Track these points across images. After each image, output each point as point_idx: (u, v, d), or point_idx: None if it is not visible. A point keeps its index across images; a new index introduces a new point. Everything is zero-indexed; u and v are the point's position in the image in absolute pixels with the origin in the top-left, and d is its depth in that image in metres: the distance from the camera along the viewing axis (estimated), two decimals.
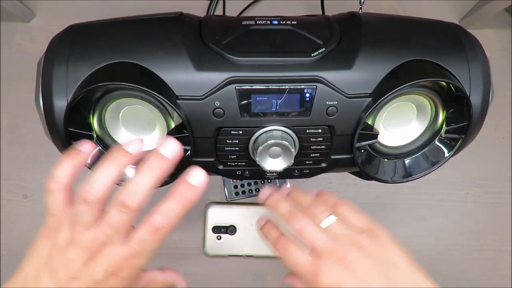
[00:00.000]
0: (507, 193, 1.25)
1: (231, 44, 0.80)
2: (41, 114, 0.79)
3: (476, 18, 1.24)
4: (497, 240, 1.24)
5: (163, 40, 0.80)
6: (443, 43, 0.83)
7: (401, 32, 0.84)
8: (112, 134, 0.85)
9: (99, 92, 0.79)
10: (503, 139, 1.26)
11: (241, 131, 0.81)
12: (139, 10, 1.26)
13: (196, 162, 0.84)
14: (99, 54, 0.78)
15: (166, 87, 0.77)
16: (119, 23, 0.85)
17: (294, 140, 0.82)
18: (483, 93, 0.82)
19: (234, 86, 0.77)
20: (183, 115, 0.77)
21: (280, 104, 0.79)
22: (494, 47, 1.31)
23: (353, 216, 0.78)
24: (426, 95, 0.84)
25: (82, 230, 0.64)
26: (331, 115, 0.79)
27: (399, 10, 1.32)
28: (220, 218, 1.18)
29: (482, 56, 0.83)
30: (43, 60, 0.80)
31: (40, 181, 1.19)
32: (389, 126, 0.88)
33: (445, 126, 0.86)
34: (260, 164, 0.82)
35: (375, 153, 0.88)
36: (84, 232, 0.64)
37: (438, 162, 0.87)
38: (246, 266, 1.21)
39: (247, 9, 1.29)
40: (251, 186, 1.19)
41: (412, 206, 1.24)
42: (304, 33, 0.83)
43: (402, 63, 0.79)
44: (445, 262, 1.23)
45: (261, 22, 0.85)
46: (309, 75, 0.78)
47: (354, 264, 0.69)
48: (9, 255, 1.16)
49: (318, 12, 1.24)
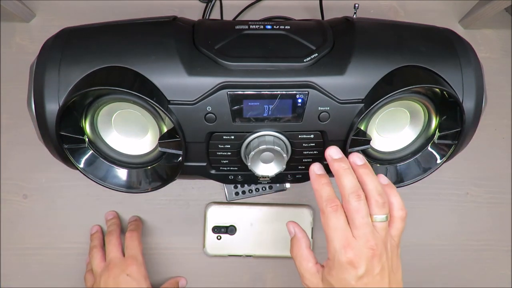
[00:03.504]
0: (507, 193, 1.24)
1: (224, 49, 0.80)
2: (33, 118, 0.79)
3: (476, 18, 1.23)
4: (497, 240, 1.24)
5: (155, 45, 0.80)
6: (436, 49, 0.83)
7: (394, 37, 0.84)
8: (105, 138, 0.85)
9: (91, 96, 0.79)
10: (503, 139, 1.25)
11: (233, 136, 0.81)
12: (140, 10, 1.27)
13: (188, 167, 0.84)
14: (92, 58, 0.78)
15: (158, 92, 0.77)
16: (112, 27, 0.85)
17: (286, 145, 0.82)
18: (476, 99, 0.82)
19: (226, 91, 0.77)
20: (174, 120, 0.77)
21: (272, 109, 0.79)
22: (494, 47, 1.29)
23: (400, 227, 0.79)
24: (419, 101, 0.84)
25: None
26: (323, 120, 0.79)
27: (399, 10, 1.31)
28: (220, 218, 1.18)
29: (475, 61, 0.83)
30: (35, 63, 0.80)
31: (40, 181, 1.19)
32: (382, 132, 0.87)
33: (438, 132, 0.86)
34: (252, 169, 0.82)
35: (367, 158, 0.88)
36: None
37: (430, 168, 0.87)
38: (246, 266, 1.20)
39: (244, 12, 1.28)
40: (251, 186, 1.19)
41: (412, 206, 1.23)
42: (297, 38, 0.83)
43: (395, 69, 0.79)
44: (445, 262, 1.22)
45: (255, 26, 0.85)
46: (301, 80, 0.78)
47: (377, 261, 0.73)
48: (9, 255, 1.17)
49: (317, 14, 1.23)
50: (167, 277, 1.18)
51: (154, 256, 1.19)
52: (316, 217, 1.19)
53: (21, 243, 1.17)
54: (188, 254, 1.20)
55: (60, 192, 1.18)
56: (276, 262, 1.20)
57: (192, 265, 1.19)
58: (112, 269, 1.02)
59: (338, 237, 0.73)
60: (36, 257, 1.17)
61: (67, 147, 0.80)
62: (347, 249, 0.72)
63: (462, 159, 1.11)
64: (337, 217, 0.74)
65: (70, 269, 1.16)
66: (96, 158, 0.85)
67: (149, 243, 1.18)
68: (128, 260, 1.04)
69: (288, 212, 1.19)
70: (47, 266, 1.17)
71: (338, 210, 0.74)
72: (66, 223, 1.17)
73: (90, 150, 0.84)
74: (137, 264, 1.03)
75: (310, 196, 1.20)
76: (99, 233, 1.14)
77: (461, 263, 1.23)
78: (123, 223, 1.18)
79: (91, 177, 0.84)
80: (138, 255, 1.05)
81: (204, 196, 1.21)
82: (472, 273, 1.23)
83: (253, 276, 1.21)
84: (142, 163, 0.87)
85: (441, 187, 1.24)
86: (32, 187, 1.19)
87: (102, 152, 0.85)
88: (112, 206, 1.18)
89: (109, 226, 1.13)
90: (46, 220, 1.18)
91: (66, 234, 1.17)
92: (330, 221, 0.74)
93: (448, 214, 1.24)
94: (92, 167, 0.84)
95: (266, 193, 1.19)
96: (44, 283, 1.16)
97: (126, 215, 1.19)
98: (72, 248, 1.17)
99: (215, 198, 1.21)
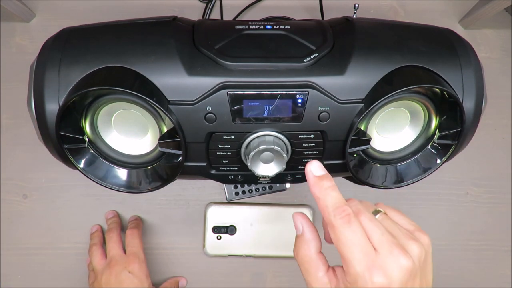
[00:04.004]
0: (507, 193, 1.24)
1: (224, 49, 0.80)
2: (33, 118, 0.79)
3: (476, 18, 1.23)
4: (497, 240, 1.24)
5: (155, 45, 0.80)
6: (436, 49, 0.83)
7: (394, 37, 0.84)
8: (105, 138, 0.85)
9: (91, 96, 0.79)
10: (503, 139, 1.25)
11: (233, 136, 0.81)
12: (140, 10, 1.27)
13: (188, 167, 0.84)
14: (91, 58, 0.78)
15: (158, 92, 0.77)
16: (112, 27, 0.85)
17: (286, 145, 0.82)
18: (476, 99, 0.82)
19: (226, 91, 0.77)
20: (174, 120, 0.77)
21: (272, 109, 0.78)
22: (494, 47, 1.29)
23: (398, 217, 0.69)
24: (419, 101, 0.84)
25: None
26: (323, 120, 0.79)
27: (399, 10, 1.31)
28: (220, 218, 1.18)
29: (475, 61, 0.83)
30: (35, 63, 0.80)
31: (40, 181, 1.19)
32: (382, 132, 0.87)
33: (438, 132, 0.86)
34: (252, 169, 0.82)
35: (367, 158, 0.88)
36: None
37: (430, 168, 0.87)
38: (246, 266, 1.21)
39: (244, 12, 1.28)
40: (251, 186, 1.19)
41: (412, 206, 1.24)
42: (297, 38, 0.83)
43: (395, 69, 0.79)
44: (445, 262, 1.22)
45: (255, 26, 0.84)
46: (301, 80, 0.78)
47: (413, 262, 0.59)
48: (9, 255, 1.17)
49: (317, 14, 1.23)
50: (167, 277, 1.19)
51: (154, 256, 1.19)
52: (316, 217, 1.19)
53: (21, 243, 1.18)
54: (188, 254, 1.20)
55: (60, 192, 1.19)
56: (276, 262, 1.20)
57: (192, 265, 1.20)
58: (113, 266, 1.02)
59: (358, 256, 0.58)
60: (36, 257, 1.17)
61: (67, 147, 0.80)
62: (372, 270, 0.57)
63: (462, 159, 1.11)
64: (353, 229, 0.59)
65: (70, 269, 1.16)
66: (96, 158, 0.85)
67: (149, 243, 1.19)
68: (130, 257, 1.04)
69: (288, 212, 1.19)
70: (47, 266, 1.17)
71: (351, 221, 0.59)
72: (66, 223, 1.18)
73: (90, 150, 0.84)
74: (139, 262, 1.03)
75: (310, 196, 1.20)
76: (99, 232, 1.14)
77: (461, 263, 1.23)
78: (123, 223, 1.18)
79: (91, 177, 0.84)
80: (140, 253, 1.05)
81: (204, 196, 1.21)
82: (472, 273, 1.23)
83: (253, 276, 1.21)
84: (142, 163, 0.87)
85: (441, 187, 1.24)
86: (32, 187, 1.19)
87: (102, 152, 0.85)
88: (112, 206, 1.19)
89: (110, 224, 1.13)
90: (46, 220, 1.18)
91: (66, 234, 1.18)
92: (343, 236, 0.59)
93: (448, 214, 1.24)
94: (92, 167, 0.84)
95: (266, 193, 1.19)
96: (44, 283, 1.16)
97: (126, 215, 1.19)
98: (72, 248, 1.17)
99: (215, 198, 1.21)
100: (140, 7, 1.27)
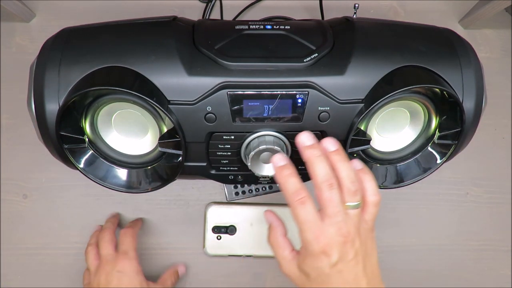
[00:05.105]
0: (507, 193, 1.24)
1: (224, 49, 0.80)
2: (33, 118, 0.79)
3: (476, 18, 1.23)
4: (497, 240, 1.24)
5: (155, 45, 0.80)
6: (436, 49, 0.83)
7: (394, 37, 0.84)
8: (105, 138, 0.85)
9: (91, 96, 0.79)
10: (503, 139, 1.25)
11: (233, 136, 0.81)
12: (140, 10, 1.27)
13: (188, 167, 0.84)
14: (91, 58, 0.78)
15: (158, 92, 0.77)
16: (112, 27, 0.85)
17: (286, 145, 0.82)
18: (476, 99, 0.82)
19: (226, 91, 0.77)
20: (174, 120, 0.77)
21: (272, 109, 0.79)
22: (494, 47, 1.29)
23: (374, 212, 0.78)
24: (419, 101, 0.84)
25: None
26: (323, 120, 0.79)
27: (399, 10, 1.31)
28: (220, 218, 1.18)
29: (475, 61, 0.83)
30: (35, 63, 0.80)
31: (40, 181, 1.19)
32: (382, 132, 0.87)
33: (438, 132, 0.86)
34: (252, 169, 0.82)
35: (367, 158, 0.88)
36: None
37: (430, 168, 0.87)
38: (246, 266, 1.20)
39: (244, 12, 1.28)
40: (251, 186, 1.19)
41: (412, 206, 1.23)
42: (297, 38, 0.83)
43: (395, 69, 0.79)
44: (445, 262, 1.22)
45: (255, 26, 0.84)
46: (301, 80, 0.78)
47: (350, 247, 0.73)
48: (9, 255, 1.17)
49: (317, 14, 1.23)
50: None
51: (154, 256, 1.19)
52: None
53: (21, 243, 1.17)
54: (188, 254, 1.20)
55: (60, 192, 1.18)
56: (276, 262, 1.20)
57: (192, 265, 1.19)
58: (104, 266, 1.01)
59: (309, 229, 0.72)
60: (36, 257, 1.17)
61: (67, 147, 0.80)
62: (319, 239, 0.72)
63: (462, 159, 1.10)
64: (306, 209, 0.73)
65: (70, 269, 1.16)
66: (96, 158, 0.85)
67: (149, 243, 1.18)
68: (119, 256, 1.03)
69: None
70: (47, 266, 1.17)
71: (305, 202, 0.73)
72: (66, 223, 1.17)
73: (90, 150, 0.84)
74: (128, 259, 1.02)
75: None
76: (98, 232, 1.14)
77: (461, 263, 1.23)
78: (123, 223, 1.18)
79: (91, 177, 0.84)
80: (130, 250, 1.05)
81: (204, 196, 1.21)
82: (472, 273, 1.23)
83: (253, 276, 1.21)
84: (142, 163, 0.87)
85: (441, 187, 1.24)
86: (32, 187, 1.19)
87: (102, 152, 0.85)
88: (112, 206, 1.18)
89: (104, 224, 1.13)
90: (46, 220, 1.17)
91: (66, 234, 1.17)
92: (299, 214, 0.73)
93: (448, 214, 1.24)
94: (92, 167, 0.84)
95: (266, 193, 1.19)
96: (44, 283, 1.16)
97: (126, 215, 1.19)
98: (72, 248, 1.17)
99: (215, 198, 1.21)
100: (140, 7, 1.27)
